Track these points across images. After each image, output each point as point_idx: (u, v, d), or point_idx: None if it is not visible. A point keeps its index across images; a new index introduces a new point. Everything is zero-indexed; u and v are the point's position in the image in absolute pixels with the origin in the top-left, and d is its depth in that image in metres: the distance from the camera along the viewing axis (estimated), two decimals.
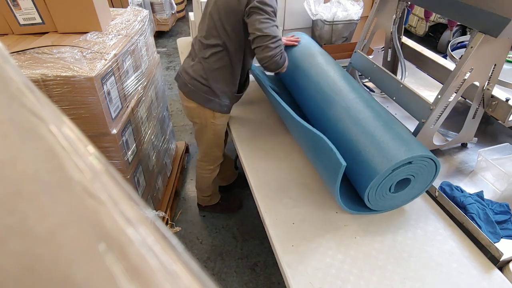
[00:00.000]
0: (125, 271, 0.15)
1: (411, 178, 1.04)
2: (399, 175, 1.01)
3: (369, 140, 1.05)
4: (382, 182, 1.01)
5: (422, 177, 1.05)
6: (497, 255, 0.98)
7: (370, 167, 1.01)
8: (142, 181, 1.65)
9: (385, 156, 0.99)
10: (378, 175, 0.98)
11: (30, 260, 0.13)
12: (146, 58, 1.72)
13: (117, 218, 0.16)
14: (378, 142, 1.03)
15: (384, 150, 1.01)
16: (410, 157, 0.97)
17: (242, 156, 1.43)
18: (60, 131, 0.18)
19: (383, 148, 1.01)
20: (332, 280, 0.95)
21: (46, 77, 1.13)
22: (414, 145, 1.01)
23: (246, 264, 1.78)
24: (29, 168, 0.16)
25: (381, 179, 1.00)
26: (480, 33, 1.06)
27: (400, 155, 0.98)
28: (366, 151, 1.04)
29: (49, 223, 0.15)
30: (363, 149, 1.05)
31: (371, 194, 1.04)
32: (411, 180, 1.05)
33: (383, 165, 0.98)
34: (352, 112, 1.16)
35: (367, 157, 1.03)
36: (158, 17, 4.48)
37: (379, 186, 1.02)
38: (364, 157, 1.04)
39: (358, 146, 1.07)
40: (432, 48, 2.17)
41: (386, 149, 1.01)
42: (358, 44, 1.69)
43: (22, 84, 0.19)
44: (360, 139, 1.08)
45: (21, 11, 1.32)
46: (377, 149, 1.02)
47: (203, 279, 0.17)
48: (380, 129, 1.07)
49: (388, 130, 1.07)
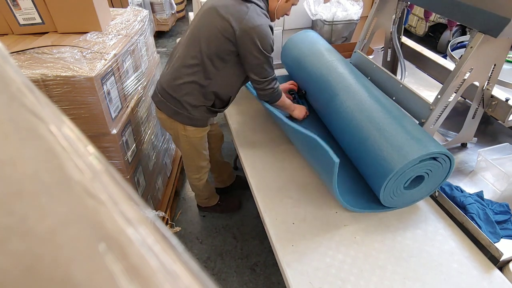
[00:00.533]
0: (125, 271, 0.15)
1: (425, 176, 1.06)
2: (419, 170, 1.03)
3: (396, 131, 1.08)
4: (406, 172, 1.02)
5: (436, 174, 1.07)
6: (497, 255, 0.98)
7: (395, 157, 1.02)
8: (142, 181, 1.65)
9: (413, 146, 1.01)
10: (407, 162, 0.99)
11: (30, 260, 0.13)
12: (146, 58, 1.72)
13: (117, 218, 0.16)
14: (403, 135, 1.06)
15: (410, 142, 1.03)
16: (437, 151, 1.00)
17: (242, 156, 1.43)
18: (60, 131, 0.18)
19: (409, 140, 1.04)
20: (332, 280, 0.95)
21: (46, 77, 1.13)
22: (435, 142, 1.04)
23: (246, 264, 1.78)
24: (29, 168, 0.16)
25: (409, 166, 1.01)
26: (480, 33, 1.06)
27: (429, 147, 1.00)
28: (390, 142, 1.06)
29: (49, 223, 0.15)
30: (387, 140, 1.07)
31: (390, 183, 1.04)
32: (424, 178, 1.06)
33: (414, 152, 1.00)
34: (379, 106, 1.20)
35: (393, 147, 1.05)
36: (158, 17, 4.48)
37: (400, 175, 1.02)
38: (391, 146, 1.05)
39: (382, 136, 1.09)
40: (432, 48, 2.17)
41: (411, 142, 1.03)
42: (357, 44, 1.69)
43: (22, 84, 0.19)
44: (388, 128, 1.10)
45: (21, 11, 1.32)
46: (404, 140, 1.04)
47: (203, 279, 0.17)
48: (403, 124, 1.11)
49: (410, 124, 1.11)
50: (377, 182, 1.06)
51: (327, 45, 1.63)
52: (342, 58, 1.52)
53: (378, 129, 1.11)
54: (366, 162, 1.12)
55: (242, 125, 1.63)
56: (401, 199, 1.11)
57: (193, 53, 1.29)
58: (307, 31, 1.77)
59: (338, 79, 1.37)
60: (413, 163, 1.00)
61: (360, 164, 1.17)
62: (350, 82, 1.33)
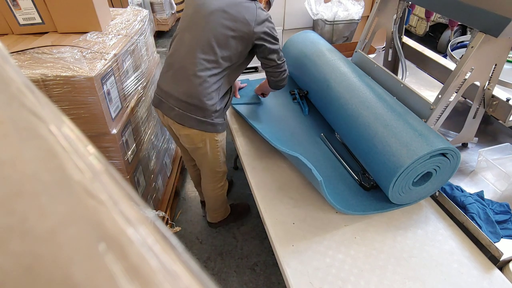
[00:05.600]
0: (125, 271, 0.15)
1: (433, 172, 1.06)
2: (428, 166, 1.03)
3: (403, 127, 1.09)
4: (416, 167, 1.02)
5: (444, 170, 1.08)
6: (497, 255, 0.98)
7: (404, 152, 1.03)
8: (142, 181, 1.65)
9: (422, 142, 1.02)
10: (418, 157, 0.99)
11: (30, 260, 0.13)
12: (146, 58, 1.72)
13: (117, 218, 0.16)
14: (410, 131, 1.07)
15: (418, 138, 1.04)
16: (446, 147, 1.00)
17: (242, 156, 1.43)
18: (60, 131, 0.18)
19: (417, 136, 1.04)
20: (333, 280, 0.95)
21: (46, 77, 1.13)
22: (442, 138, 1.05)
23: (246, 264, 1.78)
24: (29, 168, 0.16)
25: (420, 162, 1.01)
26: (480, 33, 1.06)
27: (438, 143, 1.00)
28: (399, 138, 1.07)
29: (49, 223, 0.15)
30: (395, 136, 1.08)
31: (400, 179, 1.04)
32: (432, 174, 1.07)
33: (423, 148, 1.00)
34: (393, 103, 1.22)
35: (401, 143, 1.05)
36: (158, 17, 4.48)
37: (411, 171, 1.03)
38: (399, 142, 1.06)
39: (390, 133, 1.10)
40: (432, 48, 2.17)
41: (419, 138, 1.04)
42: (359, 43, 1.69)
43: (22, 84, 0.19)
44: (395, 125, 1.11)
45: (21, 11, 1.32)
46: (412, 136, 1.05)
47: (203, 279, 0.17)
48: (409, 120, 1.12)
49: (415, 120, 1.12)
50: (387, 178, 1.06)
51: (327, 45, 1.64)
52: (343, 57, 1.53)
53: (385, 126, 1.11)
54: (374, 158, 1.12)
55: (243, 125, 1.63)
56: (408, 196, 1.12)
57: (210, 58, 1.27)
58: (307, 31, 1.78)
59: (341, 78, 1.37)
60: (423, 159, 1.00)
61: (368, 161, 1.17)
62: (353, 81, 1.34)
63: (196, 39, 1.28)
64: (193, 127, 1.34)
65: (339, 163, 1.33)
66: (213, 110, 1.32)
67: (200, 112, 1.31)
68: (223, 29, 1.26)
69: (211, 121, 1.34)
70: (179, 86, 1.30)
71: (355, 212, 1.12)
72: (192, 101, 1.29)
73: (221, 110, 1.38)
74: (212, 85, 1.29)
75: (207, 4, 1.30)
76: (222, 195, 1.71)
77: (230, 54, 1.29)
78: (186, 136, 1.40)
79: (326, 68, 1.47)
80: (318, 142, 1.43)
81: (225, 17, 1.26)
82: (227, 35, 1.26)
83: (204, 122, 1.33)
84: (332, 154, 1.37)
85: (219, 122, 1.38)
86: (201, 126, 1.34)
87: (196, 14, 1.32)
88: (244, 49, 1.32)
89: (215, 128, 1.37)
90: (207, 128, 1.35)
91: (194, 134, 1.36)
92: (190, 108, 1.30)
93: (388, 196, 1.09)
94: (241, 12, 1.26)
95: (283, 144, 1.40)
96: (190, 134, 1.37)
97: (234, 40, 1.27)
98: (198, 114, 1.31)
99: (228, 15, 1.26)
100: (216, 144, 1.43)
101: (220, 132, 1.40)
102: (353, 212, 1.12)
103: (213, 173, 1.57)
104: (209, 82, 1.28)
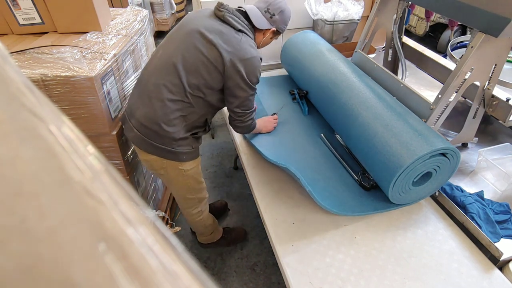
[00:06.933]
0: (125, 271, 0.15)
1: (433, 172, 1.06)
2: (428, 165, 1.03)
3: (403, 127, 1.09)
4: (416, 167, 1.02)
5: (444, 170, 1.08)
6: (497, 255, 0.98)
7: (404, 152, 1.03)
8: (142, 181, 1.65)
9: (422, 142, 1.02)
10: (417, 157, 0.99)
11: (30, 260, 0.13)
12: (146, 58, 1.72)
13: (117, 218, 0.16)
14: (410, 130, 1.07)
15: (418, 138, 1.04)
16: (446, 147, 1.00)
17: (242, 156, 1.43)
18: (60, 131, 0.18)
19: (416, 136, 1.05)
20: (332, 280, 0.95)
21: (46, 77, 1.13)
22: (442, 138, 1.05)
23: (246, 264, 1.78)
24: (29, 168, 0.16)
25: (420, 162, 1.01)
26: (480, 32, 1.06)
27: (438, 143, 1.00)
28: (399, 138, 1.07)
29: (49, 223, 0.15)
30: (395, 136, 1.08)
31: (399, 179, 1.04)
32: (432, 174, 1.07)
33: (423, 148, 1.00)
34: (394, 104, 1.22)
35: (401, 142, 1.05)
36: (158, 17, 4.48)
37: (411, 171, 1.03)
38: (399, 142, 1.06)
39: (390, 132, 1.10)
40: (432, 48, 2.17)
41: (419, 138, 1.04)
42: (359, 43, 1.69)
43: (22, 84, 0.19)
44: (394, 125, 1.11)
45: (20, 11, 1.32)
46: (412, 136, 1.05)
47: (203, 279, 0.17)
48: (409, 120, 1.12)
49: (415, 120, 1.12)
50: (387, 178, 1.07)
51: (327, 45, 1.64)
52: (343, 58, 1.53)
53: (385, 126, 1.11)
54: (374, 158, 1.12)
55: None
56: (408, 196, 1.12)
57: (174, 81, 1.14)
58: (307, 31, 1.78)
59: (341, 78, 1.38)
60: (423, 159, 1.00)
61: (368, 161, 1.17)
62: (353, 80, 1.34)
63: (165, 57, 1.17)
64: (152, 153, 1.21)
65: (339, 163, 1.33)
66: (173, 138, 1.18)
67: (158, 139, 1.18)
68: (195, 52, 1.13)
69: (171, 149, 1.20)
70: (141, 106, 1.18)
71: (354, 214, 1.12)
72: (151, 126, 1.16)
73: (188, 140, 1.24)
74: (174, 111, 1.15)
75: (190, 23, 1.19)
76: (200, 221, 1.57)
77: (197, 83, 1.15)
78: (145, 162, 1.28)
79: (326, 68, 1.47)
80: (318, 142, 1.43)
81: (201, 40, 1.13)
82: (198, 59, 1.13)
83: (163, 149, 1.20)
84: (332, 154, 1.37)
85: (183, 151, 1.23)
86: (159, 153, 1.21)
87: (176, 31, 1.22)
88: (215, 83, 1.16)
89: (176, 157, 1.23)
90: (166, 156, 1.22)
91: (153, 160, 1.23)
92: (148, 133, 1.18)
93: (388, 196, 1.10)
94: (221, 40, 1.12)
95: (282, 145, 1.40)
96: (149, 160, 1.25)
97: (205, 68, 1.13)
98: (156, 141, 1.18)
99: (204, 39, 1.13)
100: (182, 173, 1.28)
101: (185, 161, 1.25)
102: (351, 213, 1.12)
103: (184, 199, 1.44)
104: (170, 107, 1.14)
